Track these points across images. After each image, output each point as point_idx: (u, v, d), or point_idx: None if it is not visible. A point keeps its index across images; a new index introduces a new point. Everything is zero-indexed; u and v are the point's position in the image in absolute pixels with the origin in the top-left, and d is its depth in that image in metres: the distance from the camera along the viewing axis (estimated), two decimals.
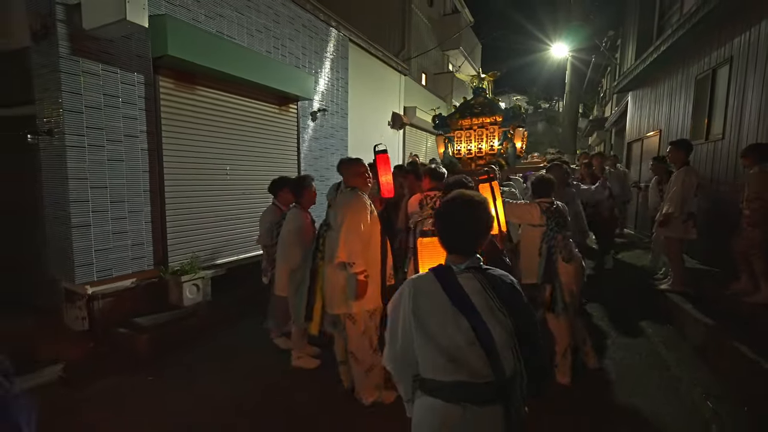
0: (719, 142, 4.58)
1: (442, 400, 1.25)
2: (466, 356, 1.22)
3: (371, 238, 2.54)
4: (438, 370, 1.25)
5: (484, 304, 1.24)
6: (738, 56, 4.23)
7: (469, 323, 1.22)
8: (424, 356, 1.28)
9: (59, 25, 3.25)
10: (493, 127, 4.27)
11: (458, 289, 1.25)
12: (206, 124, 4.64)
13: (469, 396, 1.22)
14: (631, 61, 7.95)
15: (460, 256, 1.31)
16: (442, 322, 1.25)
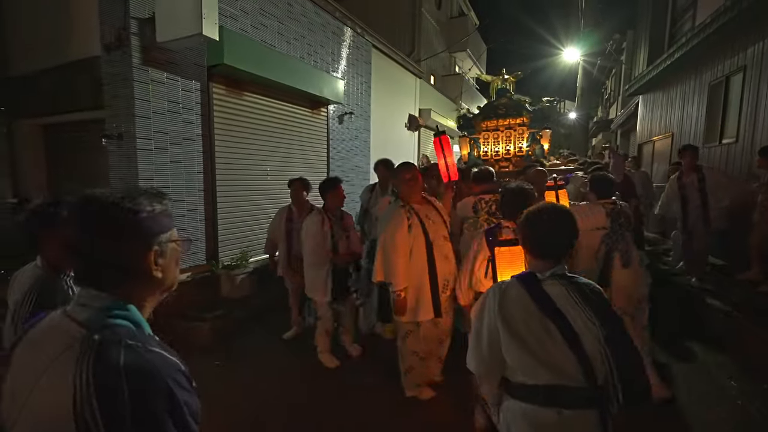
0: (732, 146, 4.88)
1: (535, 404, 1.26)
2: (556, 359, 1.23)
3: (414, 252, 2.54)
4: (529, 374, 1.26)
5: (570, 309, 1.26)
6: (752, 65, 4.53)
7: (557, 327, 1.24)
8: (514, 360, 1.29)
9: (133, 38, 3.53)
10: (522, 128, 4.43)
11: (544, 295, 1.28)
12: (250, 127, 4.93)
13: (563, 400, 1.22)
14: (642, 66, 8.25)
15: (546, 263, 1.34)
16: (530, 326, 1.27)
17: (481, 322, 1.39)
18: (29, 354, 0.75)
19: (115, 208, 0.76)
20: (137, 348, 0.70)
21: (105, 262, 0.76)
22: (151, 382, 0.68)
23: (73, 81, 4.14)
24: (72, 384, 0.65)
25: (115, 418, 0.64)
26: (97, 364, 0.67)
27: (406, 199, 2.63)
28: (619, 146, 13.74)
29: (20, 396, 0.70)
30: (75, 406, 0.64)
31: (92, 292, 0.76)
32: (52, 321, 0.78)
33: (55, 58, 4.28)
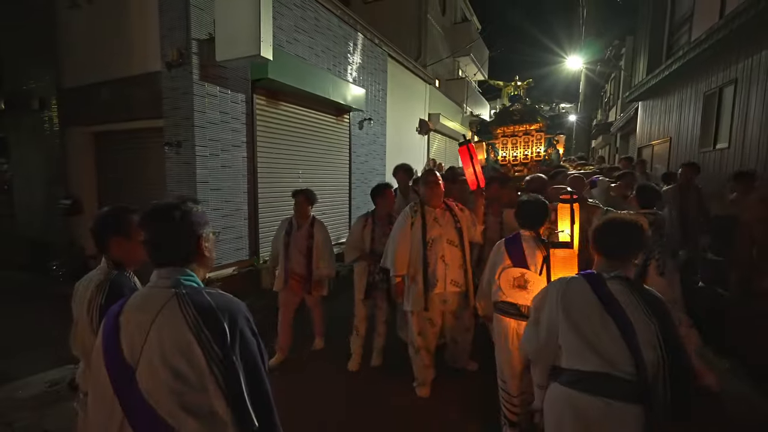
0: (725, 151, 5.35)
1: (581, 391, 1.35)
2: (609, 350, 1.32)
3: (412, 248, 2.81)
4: (580, 360, 1.36)
5: (630, 305, 1.36)
6: (742, 79, 5.00)
7: (614, 321, 1.34)
8: (568, 345, 1.41)
9: (193, 57, 3.97)
10: (540, 134, 4.69)
11: (607, 292, 1.39)
12: (286, 134, 5.38)
13: (609, 389, 1.30)
14: (642, 74, 8.74)
15: (613, 265, 1.47)
16: (590, 317, 1.38)
17: (540, 311, 1.53)
18: (135, 314, 1.01)
19: (178, 210, 1.08)
20: (215, 293, 1.04)
21: (176, 247, 1.08)
22: (234, 309, 1.02)
23: (131, 93, 4.57)
24: (183, 318, 0.96)
25: (219, 334, 0.96)
26: (195, 305, 0.98)
27: (424, 201, 2.88)
28: (619, 148, 14.24)
29: (138, 341, 0.97)
30: (191, 330, 0.95)
31: (169, 269, 1.06)
32: (145, 292, 1.07)
33: (111, 72, 4.71)
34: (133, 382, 0.95)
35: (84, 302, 1.45)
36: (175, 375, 0.93)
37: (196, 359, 0.94)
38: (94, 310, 1.41)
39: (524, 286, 2.23)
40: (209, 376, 0.94)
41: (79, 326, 1.49)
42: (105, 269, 1.51)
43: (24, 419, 2.83)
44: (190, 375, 0.94)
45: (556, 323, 1.45)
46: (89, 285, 1.48)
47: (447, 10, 17.10)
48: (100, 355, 1.01)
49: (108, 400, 0.98)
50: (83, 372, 1.54)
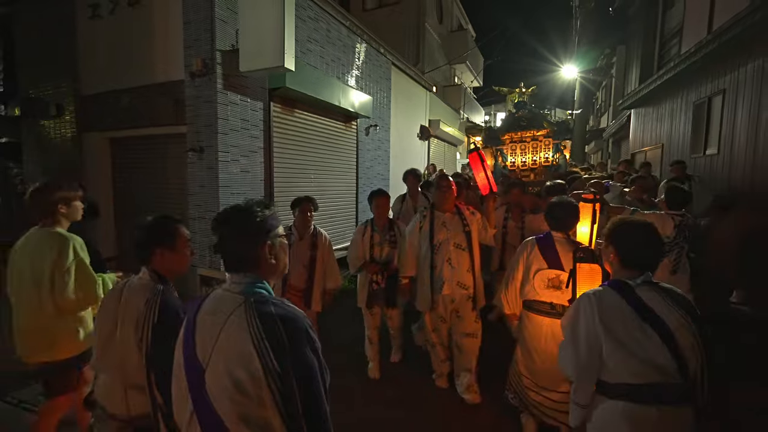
0: (715, 157, 5.67)
1: (635, 402, 1.35)
2: (655, 359, 1.33)
3: (421, 250, 2.96)
4: (631, 374, 1.35)
5: (665, 311, 1.37)
6: (730, 89, 5.33)
7: (653, 328, 1.35)
8: (615, 361, 1.38)
9: (218, 67, 4.16)
10: (547, 139, 4.94)
11: (639, 300, 1.40)
12: (299, 141, 5.58)
13: (662, 397, 1.32)
14: (634, 83, 9.12)
15: (635, 272, 1.47)
16: (630, 330, 1.37)
17: (576, 329, 1.49)
18: (209, 317, 1.04)
19: (242, 215, 1.09)
20: (280, 304, 1.03)
21: (241, 253, 1.08)
22: (296, 323, 1.00)
23: (152, 100, 4.73)
24: (247, 328, 0.97)
25: (278, 347, 0.96)
26: (260, 315, 0.98)
27: (435, 205, 2.98)
28: (611, 154, 14.67)
29: (208, 344, 1.00)
30: (253, 341, 0.95)
31: (239, 275, 1.07)
32: (218, 296, 1.08)
33: (131, 80, 4.88)
34: (202, 381, 0.98)
35: (129, 318, 1.39)
36: (236, 385, 0.94)
37: (255, 372, 0.94)
38: (145, 330, 1.35)
39: (559, 286, 2.32)
40: (266, 391, 0.94)
41: (113, 342, 1.42)
42: (149, 283, 1.44)
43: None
44: (249, 387, 0.94)
45: (597, 340, 1.42)
46: (133, 299, 1.41)
47: (444, 19, 17.49)
48: (180, 348, 1.07)
49: (183, 392, 1.03)
50: (105, 388, 1.48)
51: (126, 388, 1.42)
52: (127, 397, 1.42)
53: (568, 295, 2.24)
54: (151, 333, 1.35)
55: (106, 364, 1.46)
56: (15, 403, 3.06)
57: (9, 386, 3.20)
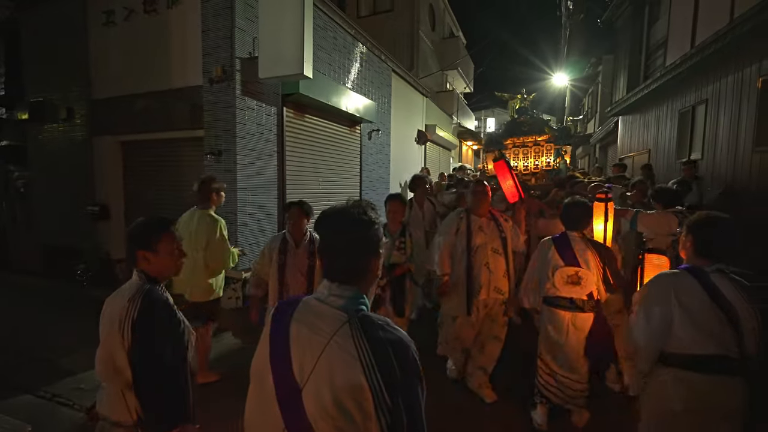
0: (699, 161, 6.07)
1: (695, 371, 1.54)
2: (721, 335, 1.53)
3: (457, 253, 2.93)
4: (696, 345, 1.55)
5: (734, 297, 1.55)
6: (712, 99, 5.74)
7: (721, 309, 1.54)
8: (683, 333, 1.57)
9: (236, 74, 4.33)
10: (549, 144, 5.14)
11: (713, 285, 1.58)
12: (309, 144, 5.76)
13: (721, 367, 1.52)
14: (622, 91, 9.58)
15: (709, 261, 1.63)
16: (701, 308, 1.55)
17: (650, 305, 1.66)
18: (307, 332, 0.94)
19: (362, 219, 0.98)
20: (386, 326, 0.93)
21: (353, 263, 0.98)
22: (407, 353, 0.91)
23: (168, 105, 4.86)
24: (357, 356, 0.87)
25: (390, 381, 0.87)
26: (369, 340, 0.89)
27: (471, 209, 2.98)
28: (598, 159, 15.23)
29: (308, 363, 0.90)
30: (364, 372, 0.87)
31: (342, 286, 0.97)
32: (314, 308, 0.97)
33: (146, 85, 5.00)
34: (299, 401, 0.91)
35: (114, 318, 1.36)
36: (343, 413, 0.88)
37: (365, 404, 0.87)
38: (126, 326, 1.33)
39: (578, 282, 2.46)
40: (375, 423, 0.88)
41: (106, 344, 1.40)
42: (137, 283, 1.43)
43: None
44: (356, 417, 0.88)
45: (670, 315, 1.59)
46: (119, 300, 1.39)
47: (436, 26, 17.91)
48: (267, 360, 0.97)
49: (270, 409, 0.94)
50: (106, 397, 1.44)
51: (123, 390, 1.37)
52: (126, 401, 1.37)
53: (586, 290, 2.45)
54: (130, 329, 1.33)
55: (101, 368, 1.41)
56: (48, 397, 3.15)
57: (39, 381, 3.29)
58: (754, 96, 4.76)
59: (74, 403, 3.08)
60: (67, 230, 5.84)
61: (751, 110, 4.83)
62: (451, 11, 19.83)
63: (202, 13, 4.43)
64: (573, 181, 4.27)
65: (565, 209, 2.59)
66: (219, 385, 3.18)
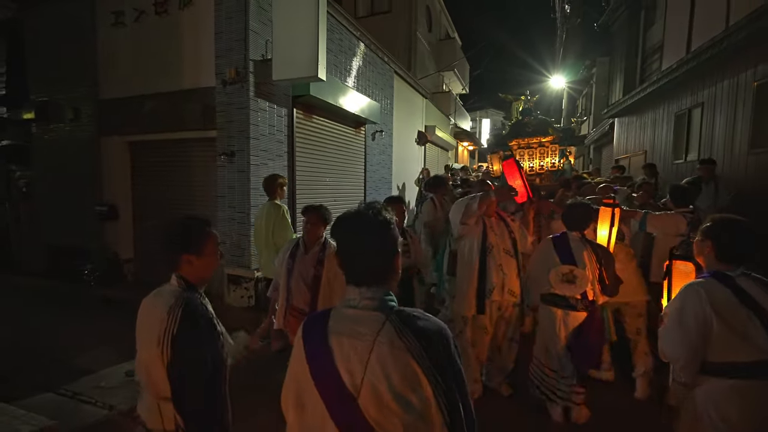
0: (695, 162, 6.27)
1: (742, 378, 1.53)
2: (758, 340, 1.51)
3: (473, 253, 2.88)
4: (734, 352, 1.54)
5: (763, 299, 1.55)
6: (707, 103, 5.94)
7: (754, 313, 1.54)
8: (721, 341, 1.56)
9: (250, 75, 4.39)
10: (554, 145, 5.37)
11: (741, 290, 1.58)
12: (317, 145, 5.83)
13: (761, 372, 1.52)
14: (618, 93, 9.80)
15: (730, 266, 1.64)
16: (735, 314, 1.55)
17: (685, 316, 1.63)
18: (349, 340, 0.95)
19: (383, 219, 1.01)
20: (422, 316, 0.98)
21: (380, 264, 1.01)
22: (446, 335, 0.96)
23: (180, 106, 4.89)
24: (406, 349, 0.91)
25: (440, 363, 0.92)
26: (413, 331, 0.93)
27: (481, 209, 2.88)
28: (593, 159, 15.52)
29: (357, 369, 0.92)
30: (416, 361, 0.90)
31: (370, 288, 0.99)
32: (349, 315, 0.99)
33: (156, 86, 5.02)
34: (356, 410, 0.91)
35: (153, 331, 1.32)
36: (404, 405, 0.90)
37: (423, 390, 0.90)
38: (165, 341, 1.29)
39: (572, 280, 2.53)
40: (435, 408, 0.91)
41: (144, 355, 1.36)
42: (176, 290, 1.39)
43: (121, 403, 3.12)
44: (417, 405, 0.91)
45: (707, 324, 1.57)
46: (158, 310, 1.34)
47: (433, 28, 18.06)
48: (308, 383, 0.97)
49: (324, 426, 0.95)
50: (145, 403, 1.40)
51: (158, 401, 1.34)
52: (160, 411, 1.34)
53: (580, 289, 2.51)
54: (170, 345, 1.29)
55: (140, 376, 1.39)
56: (70, 395, 3.18)
57: (60, 380, 3.32)
58: (750, 100, 4.95)
59: (96, 400, 3.12)
60: (72, 230, 5.83)
61: (746, 113, 5.03)
62: (447, 13, 20.00)
63: (216, 15, 4.48)
64: (580, 182, 4.38)
65: (567, 210, 2.68)
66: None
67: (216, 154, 4.64)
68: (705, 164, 4.84)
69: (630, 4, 8.84)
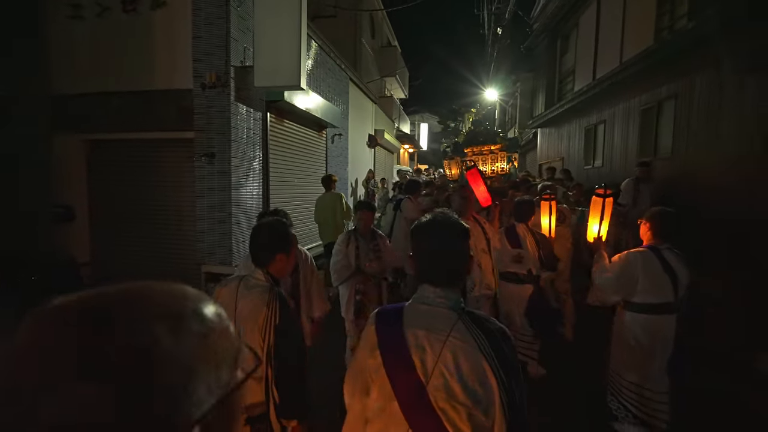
0: (601, 168, 7.76)
1: (651, 313, 2.38)
2: (665, 290, 2.37)
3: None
4: (651, 296, 2.37)
5: (677, 266, 2.39)
6: (609, 120, 7.42)
7: (667, 274, 2.36)
8: (645, 287, 2.37)
9: (231, 81, 4.61)
10: (503, 153, 6.33)
11: (663, 257, 2.40)
12: (287, 148, 6.14)
13: (665, 309, 2.37)
14: (540, 107, 11.40)
15: (662, 241, 2.45)
16: (657, 273, 2.38)
17: (623, 268, 2.45)
18: (425, 333, 1.04)
19: (463, 233, 1.13)
20: (489, 319, 1.09)
21: (459, 266, 1.13)
22: (509, 338, 1.06)
23: (150, 105, 4.87)
24: (476, 345, 1.00)
25: (505, 362, 1.00)
26: (483, 331, 1.03)
27: (458, 212, 2.92)
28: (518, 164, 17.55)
29: (430, 360, 1.01)
30: (485, 357, 1.00)
31: (445, 289, 1.09)
32: (424, 311, 1.08)
33: (123, 84, 4.94)
34: (425, 397, 0.98)
35: (249, 320, 1.46)
36: (472, 397, 0.97)
37: (489, 385, 0.97)
38: (268, 330, 1.45)
39: (520, 260, 3.26)
40: (499, 405, 0.97)
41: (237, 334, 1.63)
42: (266, 285, 1.56)
43: None
44: (483, 399, 0.97)
45: (635, 277, 2.41)
46: (252, 302, 1.48)
47: (375, 34, 18.81)
48: (380, 368, 1.04)
49: (387, 418, 1.02)
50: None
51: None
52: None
53: (526, 267, 3.28)
54: (273, 332, 1.47)
55: None
56: None
57: None
58: (637, 120, 6.40)
59: None
60: (18, 233, 5.39)
61: (635, 130, 6.48)
62: (389, 22, 20.92)
63: (194, 20, 4.61)
64: (529, 184, 5.35)
65: (515, 206, 3.45)
66: None
67: (193, 155, 4.76)
68: (642, 166, 5.30)
69: (549, 33, 10.41)
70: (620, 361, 2.57)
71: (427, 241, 1.12)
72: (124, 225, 5.24)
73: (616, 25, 7.07)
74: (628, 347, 2.50)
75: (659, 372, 2.42)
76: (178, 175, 5.03)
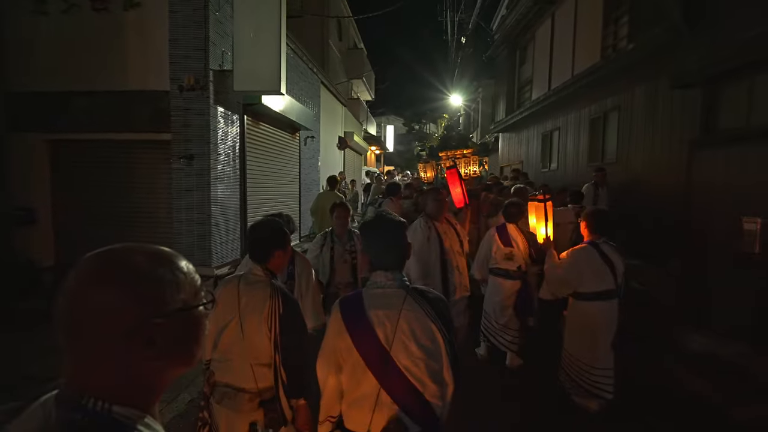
0: (555, 171, 8.46)
1: (594, 300, 2.75)
2: (606, 278, 2.74)
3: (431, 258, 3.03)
4: (594, 285, 2.75)
5: (614, 257, 2.76)
6: (562, 127, 8.12)
7: (606, 264, 2.73)
8: (590, 279, 2.74)
9: (210, 84, 4.65)
10: (475, 156, 6.72)
11: (602, 250, 2.77)
12: (262, 149, 6.21)
13: (607, 296, 2.75)
14: (501, 113, 12.11)
15: (599, 236, 2.82)
16: (598, 264, 2.74)
17: (569, 266, 2.83)
18: (383, 310, 1.27)
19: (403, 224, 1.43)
20: (429, 290, 1.39)
21: (402, 253, 1.38)
22: (446, 302, 1.39)
23: (121, 106, 4.79)
24: (423, 312, 1.28)
25: (445, 321, 1.32)
26: (427, 300, 1.32)
27: (432, 215, 3.14)
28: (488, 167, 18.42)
29: (390, 330, 1.25)
30: (431, 320, 1.28)
31: (394, 272, 1.34)
32: (379, 293, 1.32)
33: (89, 83, 4.83)
34: (390, 360, 1.23)
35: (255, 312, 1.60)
36: (426, 351, 1.25)
37: (437, 340, 1.26)
38: (273, 320, 1.59)
39: (511, 258, 3.49)
40: (444, 353, 1.27)
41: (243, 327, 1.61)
42: (266, 279, 1.67)
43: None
44: (434, 351, 1.26)
45: (581, 270, 2.79)
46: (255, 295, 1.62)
47: (342, 37, 18.95)
48: (349, 347, 1.26)
49: (361, 382, 1.26)
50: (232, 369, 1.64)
51: (252, 365, 1.63)
52: (254, 373, 1.63)
53: (516, 264, 3.53)
54: (278, 322, 1.60)
55: (231, 348, 1.64)
56: None
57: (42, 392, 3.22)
58: (587, 128, 7.09)
59: None
60: None
61: (585, 138, 7.17)
62: (355, 25, 21.13)
63: (170, 22, 4.60)
64: (501, 186, 5.77)
65: (505, 208, 3.71)
66: None
67: (169, 156, 4.75)
68: (598, 171, 5.65)
69: (508, 44, 11.12)
70: (573, 344, 2.93)
71: (378, 236, 1.38)
72: (94, 228, 5.08)
73: (567, 40, 7.77)
74: (579, 331, 2.88)
75: (605, 350, 2.79)
76: (153, 177, 4.99)
